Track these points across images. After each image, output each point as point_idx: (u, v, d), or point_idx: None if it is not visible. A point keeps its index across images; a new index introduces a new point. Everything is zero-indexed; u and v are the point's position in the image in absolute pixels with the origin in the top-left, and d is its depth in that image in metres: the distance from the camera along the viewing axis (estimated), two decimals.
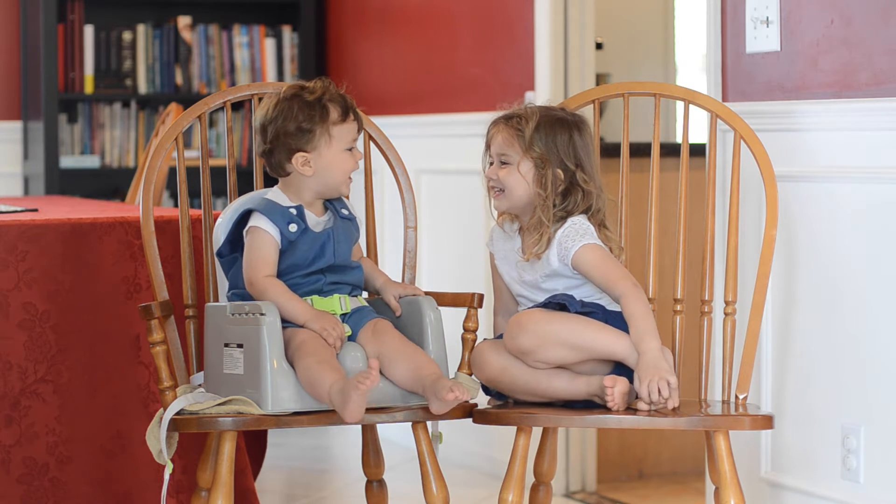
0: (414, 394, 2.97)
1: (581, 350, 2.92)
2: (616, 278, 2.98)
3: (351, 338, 3.03)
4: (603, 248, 3.03)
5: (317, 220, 3.09)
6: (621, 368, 2.95)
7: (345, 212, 3.13)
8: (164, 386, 3.02)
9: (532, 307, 3.02)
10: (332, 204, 3.12)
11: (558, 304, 2.99)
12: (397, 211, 4.74)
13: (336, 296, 3.05)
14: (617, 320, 2.98)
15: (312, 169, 3.05)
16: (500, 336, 3.08)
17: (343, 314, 3.04)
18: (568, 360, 2.94)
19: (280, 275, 3.02)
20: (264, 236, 3.02)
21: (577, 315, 2.95)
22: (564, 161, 3.05)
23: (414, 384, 2.95)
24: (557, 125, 3.07)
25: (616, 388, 2.87)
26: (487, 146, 3.13)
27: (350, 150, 3.08)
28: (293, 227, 3.03)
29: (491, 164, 3.12)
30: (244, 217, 3.07)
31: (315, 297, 3.03)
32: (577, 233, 3.03)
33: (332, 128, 3.05)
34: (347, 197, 3.14)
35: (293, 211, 3.05)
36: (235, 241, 3.09)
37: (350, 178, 3.10)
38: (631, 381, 2.91)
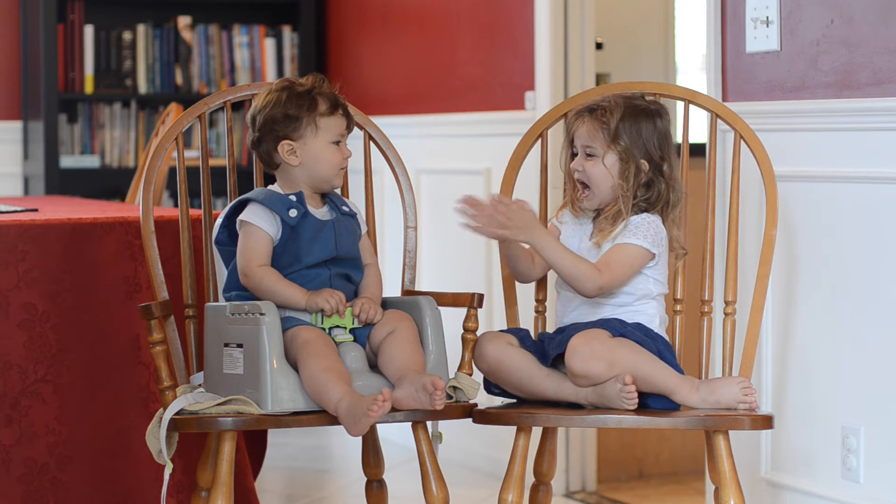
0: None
1: (638, 380, 2.92)
2: (603, 270, 2.99)
3: (363, 332, 3.03)
4: (638, 254, 3.02)
5: (317, 211, 3.09)
6: None
7: (345, 208, 3.13)
8: (164, 386, 3.02)
9: (585, 330, 2.99)
10: (332, 200, 3.13)
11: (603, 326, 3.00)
12: (397, 211, 4.74)
13: (348, 310, 3.04)
14: (657, 342, 3.01)
15: (298, 158, 3.06)
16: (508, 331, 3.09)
17: (353, 329, 3.04)
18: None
19: (283, 268, 3.02)
20: (255, 230, 3.02)
21: (637, 345, 2.96)
22: (649, 152, 3.06)
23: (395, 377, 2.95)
24: (642, 115, 3.07)
25: (635, 386, 2.89)
26: (570, 138, 3.11)
27: (338, 143, 3.08)
28: (293, 213, 3.03)
29: (574, 155, 3.11)
30: (242, 206, 3.07)
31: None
32: (639, 227, 3.02)
33: (319, 119, 3.06)
34: (339, 187, 3.14)
35: (293, 198, 3.05)
36: (233, 230, 3.09)
37: (341, 170, 3.10)
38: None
